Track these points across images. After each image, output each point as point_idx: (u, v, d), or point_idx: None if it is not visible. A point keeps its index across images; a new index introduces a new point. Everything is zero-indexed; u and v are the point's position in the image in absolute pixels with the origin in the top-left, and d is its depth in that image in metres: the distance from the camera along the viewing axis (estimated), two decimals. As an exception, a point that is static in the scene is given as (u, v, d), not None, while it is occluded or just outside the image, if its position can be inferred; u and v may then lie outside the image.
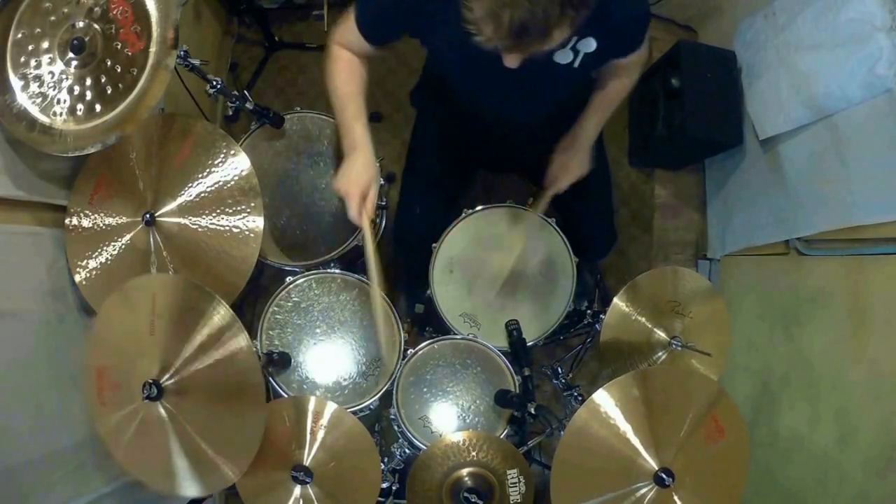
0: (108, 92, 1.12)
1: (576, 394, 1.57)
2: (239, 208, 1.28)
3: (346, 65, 1.23)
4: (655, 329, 1.43)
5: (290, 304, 1.47)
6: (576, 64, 1.13)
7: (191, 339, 1.09)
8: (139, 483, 1.17)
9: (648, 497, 1.08)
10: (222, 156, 1.29)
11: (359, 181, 1.17)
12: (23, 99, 1.14)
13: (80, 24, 1.11)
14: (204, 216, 1.27)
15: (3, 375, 1.15)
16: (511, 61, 0.99)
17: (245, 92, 1.43)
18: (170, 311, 1.10)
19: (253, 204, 1.28)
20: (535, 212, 1.48)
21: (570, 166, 1.39)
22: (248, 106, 1.43)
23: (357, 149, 1.20)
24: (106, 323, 1.15)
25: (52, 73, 1.13)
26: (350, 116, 1.20)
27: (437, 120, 1.54)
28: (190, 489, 1.14)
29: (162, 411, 1.10)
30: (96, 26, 1.11)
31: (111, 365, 1.14)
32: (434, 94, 1.49)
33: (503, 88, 1.23)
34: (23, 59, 1.14)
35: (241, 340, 1.08)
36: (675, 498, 1.09)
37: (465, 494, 1.27)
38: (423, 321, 1.80)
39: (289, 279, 1.47)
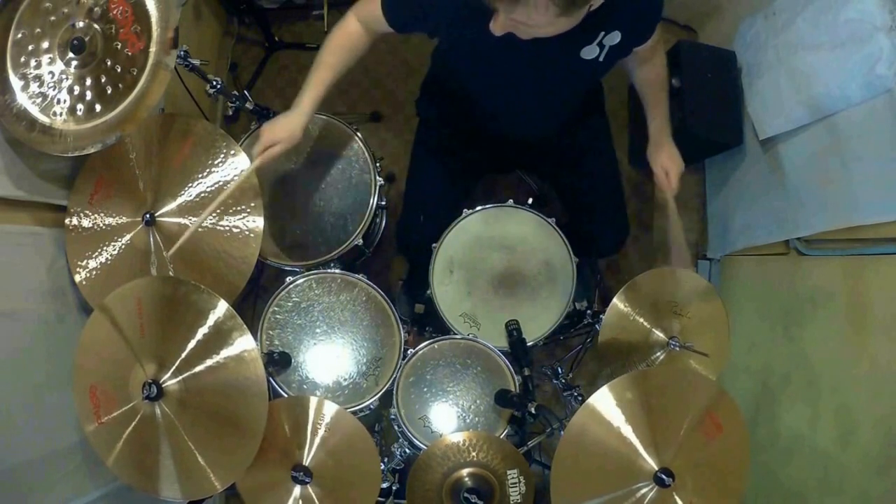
0: (108, 92, 1.12)
1: (576, 394, 1.58)
2: (239, 208, 1.28)
3: (345, 37, 1.25)
4: (654, 329, 1.43)
5: (290, 304, 1.47)
6: (601, 58, 1.14)
7: (189, 335, 1.10)
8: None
9: (648, 497, 1.08)
10: (222, 156, 1.29)
11: (274, 133, 1.24)
12: (23, 99, 1.14)
13: (80, 24, 1.12)
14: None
15: (3, 375, 1.15)
16: (497, 27, 0.96)
17: (245, 92, 1.43)
18: (157, 310, 1.11)
19: (253, 204, 1.28)
20: (676, 235, 1.46)
21: (672, 163, 1.40)
22: (248, 106, 1.43)
23: (295, 110, 1.26)
24: (93, 340, 1.16)
25: (52, 73, 1.14)
26: (310, 82, 1.26)
27: (443, 127, 1.54)
28: (170, 493, 1.15)
29: (158, 413, 1.10)
30: (96, 26, 1.11)
31: (104, 379, 1.14)
32: (443, 101, 1.49)
33: (527, 90, 1.23)
34: (23, 59, 1.14)
35: (246, 340, 1.09)
36: (676, 498, 1.09)
37: (465, 494, 1.27)
38: (423, 321, 1.80)
39: (289, 279, 1.47)
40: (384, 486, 1.52)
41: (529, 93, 1.26)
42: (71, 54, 1.11)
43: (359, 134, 1.53)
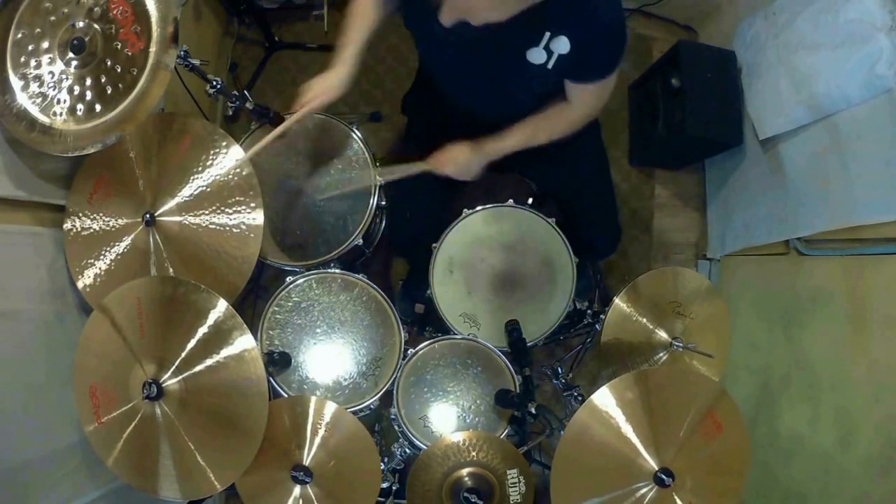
0: (108, 92, 1.12)
1: (576, 394, 1.57)
2: (239, 208, 1.27)
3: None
4: (656, 329, 1.43)
5: (290, 304, 1.47)
6: (549, 65, 1.12)
7: (189, 335, 1.10)
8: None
9: (648, 497, 1.08)
10: (222, 156, 1.29)
11: (316, 88, 1.26)
12: (23, 99, 1.14)
13: (80, 24, 1.11)
14: (204, 216, 1.27)
15: (3, 375, 1.15)
16: (445, 17, 0.99)
17: (245, 92, 1.43)
18: (157, 310, 1.11)
19: (253, 204, 1.28)
20: (379, 174, 1.43)
21: (457, 159, 1.34)
22: (248, 106, 1.43)
23: (335, 66, 1.27)
24: (93, 340, 1.15)
25: (52, 73, 1.13)
26: (348, 34, 1.28)
27: (426, 124, 1.54)
28: (169, 493, 1.15)
29: (158, 413, 1.10)
30: (96, 26, 1.11)
31: (104, 379, 1.14)
32: (423, 97, 1.50)
33: (484, 85, 1.23)
34: (23, 59, 1.14)
35: (246, 340, 1.09)
36: (675, 498, 1.09)
37: (465, 494, 1.27)
38: (423, 321, 1.80)
39: (289, 279, 1.47)
40: (384, 486, 1.52)
41: (489, 91, 1.27)
42: (71, 54, 1.11)
43: (358, 134, 1.53)
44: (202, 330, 1.09)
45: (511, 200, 1.52)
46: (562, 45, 1.08)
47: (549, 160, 1.45)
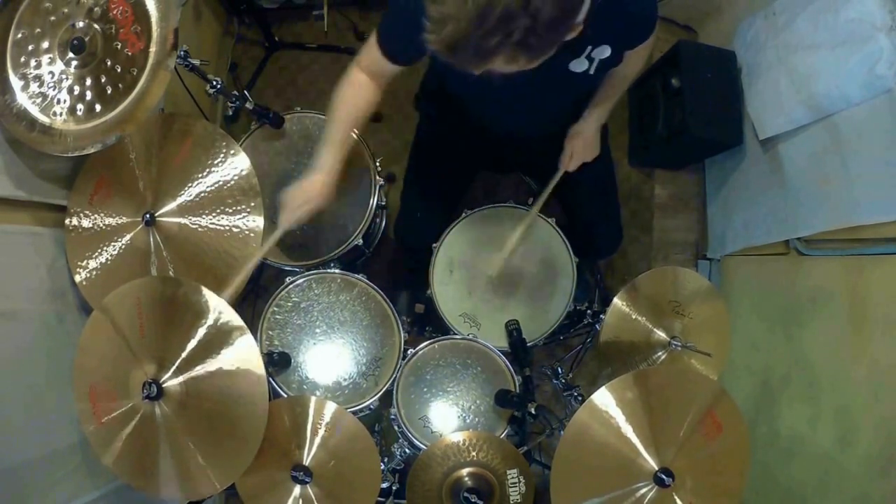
0: (108, 92, 1.12)
1: (576, 394, 1.57)
2: (239, 208, 1.28)
3: (353, 90, 1.22)
4: (655, 329, 1.42)
5: (290, 304, 1.47)
6: (591, 71, 1.13)
7: (189, 335, 1.09)
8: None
9: (648, 497, 1.08)
10: (222, 156, 1.29)
11: (294, 203, 1.23)
12: (23, 99, 1.14)
13: (80, 24, 1.12)
14: (204, 216, 1.27)
15: (3, 375, 1.15)
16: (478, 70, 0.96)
17: (245, 92, 1.43)
18: (157, 310, 1.11)
19: (253, 204, 1.28)
20: (536, 207, 1.46)
21: (583, 148, 1.40)
22: (248, 106, 1.43)
23: (316, 173, 1.23)
24: (93, 340, 1.15)
25: (52, 73, 1.14)
26: (327, 141, 1.24)
27: (441, 125, 1.54)
28: (169, 493, 1.15)
29: (158, 413, 1.10)
30: (96, 26, 1.11)
31: (104, 379, 1.14)
32: (441, 101, 1.49)
33: (518, 99, 1.23)
34: (23, 59, 1.14)
35: (246, 341, 1.09)
36: (675, 498, 1.09)
37: (465, 494, 1.27)
38: (423, 321, 1.80)
39: (289, 279, 1.47)
40: (384, 486, 1.52)
41: (521, 102, 1.26)
42: (71, 54, 1.12)
43: (358, 133, 1.53)
44: (202, 330, 1.09)
45: (511, 200, 1.52)
46: (603, 52, 1.10)
47: (554, 160, 1.45)
